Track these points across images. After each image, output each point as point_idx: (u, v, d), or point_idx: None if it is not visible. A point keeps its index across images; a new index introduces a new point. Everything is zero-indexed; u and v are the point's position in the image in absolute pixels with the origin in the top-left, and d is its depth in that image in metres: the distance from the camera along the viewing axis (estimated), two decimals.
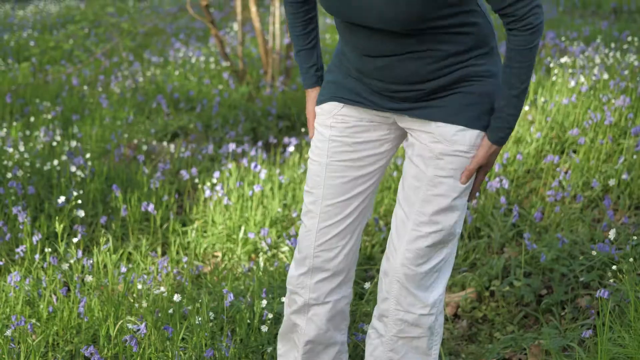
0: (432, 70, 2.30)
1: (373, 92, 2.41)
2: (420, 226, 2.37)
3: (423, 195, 2.37)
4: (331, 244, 2.52)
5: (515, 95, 2.28)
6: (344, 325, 2.67)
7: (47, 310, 3.21)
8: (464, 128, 2.33)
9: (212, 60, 7.64)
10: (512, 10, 2.18)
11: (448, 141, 2.34)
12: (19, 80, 7.31)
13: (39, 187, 4.47)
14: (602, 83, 5.07)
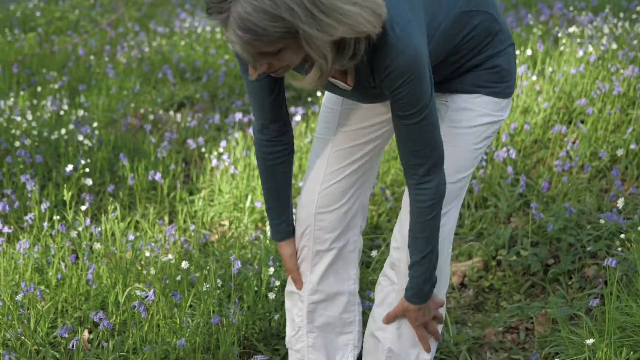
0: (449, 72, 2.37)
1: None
2: None
3: None
4: (337, 188, 2.51)
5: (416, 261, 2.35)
6: (352, 274, 2.63)
7: (55, 278, 3.23)
8: (478, 95, 2.36)
9: (218, 30, 7.61)
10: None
11: (457, 110, 2.38)
12: (25, 50, 7.29)
13: (47, 155, 4.47)
14: (611, 53, 5.05)
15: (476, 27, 2.30)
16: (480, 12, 2.30)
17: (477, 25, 2.30)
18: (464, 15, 2.27)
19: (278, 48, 1.89)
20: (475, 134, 2.38)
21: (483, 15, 2.30)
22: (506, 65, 2.37)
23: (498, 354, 3.02)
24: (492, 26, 2.33)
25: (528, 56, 5.28)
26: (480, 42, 2.32)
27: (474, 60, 2.34)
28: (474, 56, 2.33)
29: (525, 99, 4.71)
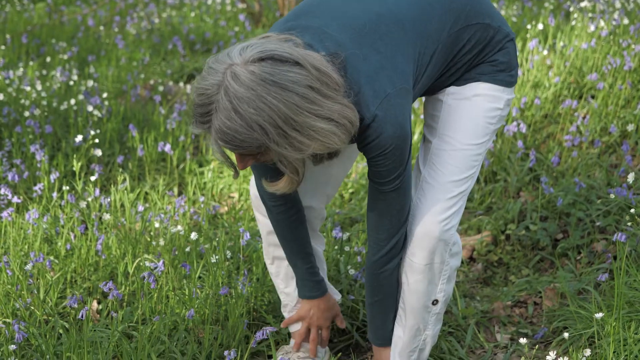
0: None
1: None
2: None
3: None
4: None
5: (369, 303, 2.49)
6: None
7: (65, 248, 3.24)
8: (479, 82, 2.37)
9: (228, 2, 7.59)
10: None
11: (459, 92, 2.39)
12: (34, 20, 7.29)
13: (56, 126, 4.47)
14: (622, 28, 5.01)
15: (469, 41, 2.31)
16: (471, 25, 2.30)
17: (470, 39, 2.31)
18: (455, 35, 2.28)
19: (259, 152, 1.97)
20: (482, 106, 2.38)
21: (474, 28, 2.31)
22: (504, 59, 2.38)
23: (506, 327, 3.02)
24: (485, 34, 2.34)
25: (539, 30, 5.25)
26: (475, 53, 2.34)
27: (471, 66, 2.37)
28: (470, 64, 2.35)
29: (536, 74, 4.69)
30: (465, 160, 2.37)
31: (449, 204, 2.36)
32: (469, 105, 2.36)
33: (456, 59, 2.31)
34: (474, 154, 2.38)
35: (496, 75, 2.38)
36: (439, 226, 2.34)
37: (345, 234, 3.24)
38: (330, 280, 3.02)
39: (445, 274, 2.43)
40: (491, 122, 2.40)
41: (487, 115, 2.38)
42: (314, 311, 2.64)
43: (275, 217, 2.47)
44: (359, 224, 3.64)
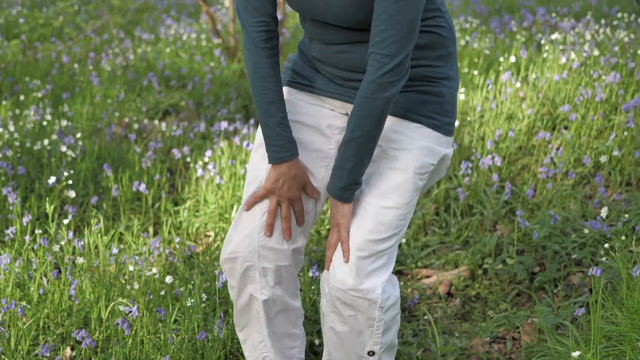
0: None
1: (329, 80, 2.42)
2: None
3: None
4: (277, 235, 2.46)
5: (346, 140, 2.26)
6: (297, 291, 2.57)
7: (37, 293, 3.20)
8: (420, 125, 2.33)
9: (204, 37, 7.60)
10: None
11: (399, 134, 2.33)
12: (8, 58, 7.26)
13: (29, 166, 4.44)
14: (593, 59, 5.06)
15: (440, 31, 2.30)
16: (445, 24, 2.32)
17: (441, 32, 2.31)
18: (435, 12, 2.29)
19: None
20: (415, 157, 2.32)
21: (446, 30, 2.32)
22: (450, 99, 2.35)
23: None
24: (450, 45, 2.34)
25: (512, 63, 5.29)
26: (436, 50, 2.32)
27: (425, 70, 2.32)
28: (427, 63, 2.31)
29: (509, 106, 4.71)
30: (392, 221, 2.30)
31: (370, 262, 2.29)
32: (401, 162, 2.32)
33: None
34: (400, 214, 2.31)
35: (438, 119, 2.33)
36: (361, 284, 2.27)
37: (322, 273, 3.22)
38: (308, 321, 3.01)
39: (379, 328, 2.33)
40: (422, 178, 2.35)
41: (419, 172, 2.33)
42: (283, 180, 2.38)
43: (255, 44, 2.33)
44: None
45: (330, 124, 2.47)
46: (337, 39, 2.32)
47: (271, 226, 2.41)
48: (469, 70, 5.62)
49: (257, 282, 2.44)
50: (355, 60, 2.31)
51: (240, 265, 2.43)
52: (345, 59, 2.33)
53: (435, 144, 2.34)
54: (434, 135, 2.34)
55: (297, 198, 2.42)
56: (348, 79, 2.37)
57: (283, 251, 2.44)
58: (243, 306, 2.50)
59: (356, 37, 2.28)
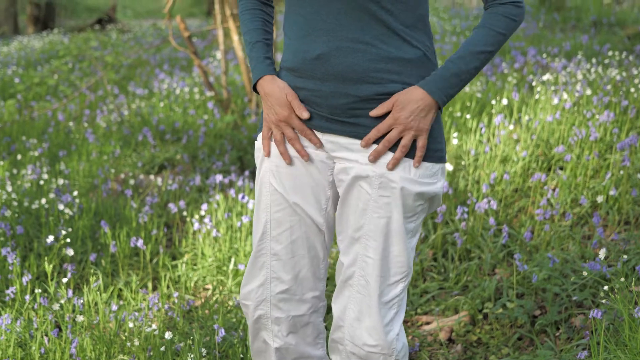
0: (369, 69, 2.17)
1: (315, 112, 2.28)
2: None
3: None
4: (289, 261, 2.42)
5: (475, 52, 2.18)
6: (319, 339, 2.52)
7: (39, 352, 3.19)
8: (406, 159, 2.22)
9: (197, 90, 7.65)
10: None
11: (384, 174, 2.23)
12: (4, 117, 7.30)
13: (28, 226, 4.45)
14: (585, 99, 5.10)
15: (422, 42, 2.24)
16: (429, 35, 2.27)
17: (424, 43, 2.24)
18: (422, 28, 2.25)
19: None
20: (401, 202, 2.24)
21: (430, 40, 2.27)
22: (436, 125, 2.25)
23: None
24: (432, 67, 2.26)
25: (504, 105, 5.32)
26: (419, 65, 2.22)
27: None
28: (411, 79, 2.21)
29: (503, 148, 4.73)
30: (392, 269, 2.27)
31: (382, 316, 2.27)
32: (388, 207, 2.25)
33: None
34: (399, 260, 2.27)
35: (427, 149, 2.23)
36: (377, 341, 2.26)
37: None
38: None
39: None
40: (411, 220, 2.28)
41: (406, 217, 2.26)
42: (268, 103, 2.32)
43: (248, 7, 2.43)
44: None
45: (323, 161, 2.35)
46: (323, 30, 2.21)
47: (285, 153, 2.33)
48: (461, 114, 5.65)
49: (270, 330, 2.43)
50: (336, 69, 2.20)
51: (252, 312, 2.43)
52: (325, 68, 2.21)
53: (424, 177, 2.24)
54: (424, 167, 2.23)
55: (287, 116, 2.29)
56: (327, 94, 2.23)
57: (298, 300, 2.43)
58: (258, 349, 2.50)
59: (345, 31, 2.19)
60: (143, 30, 15.48)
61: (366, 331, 2.27)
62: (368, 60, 2.17)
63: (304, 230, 2.39)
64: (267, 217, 2.39)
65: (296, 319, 2.43)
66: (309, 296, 2.44)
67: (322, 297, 2.47)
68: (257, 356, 2.51)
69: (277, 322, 2.42)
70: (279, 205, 2.37)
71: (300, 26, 2.25)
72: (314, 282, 2.45)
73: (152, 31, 14.30)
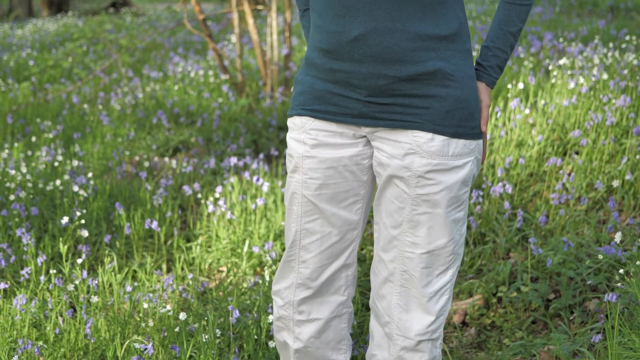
0: (408, 49, 2.14)
1: (342, 94, 2.24)
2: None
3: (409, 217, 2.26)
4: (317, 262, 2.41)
5: (512, 32, 2.27)
6: (342, 345, 2.52)
7: (53, 333, 3.20)
8: (447, 138, 2.20)
9: (211, 74, 7.64)
10: None
11: (428, 153, 2.20)
12: (19, 100, 7.32)
13: (42, 207, 4.46)
14: (602, 83, 5.06)
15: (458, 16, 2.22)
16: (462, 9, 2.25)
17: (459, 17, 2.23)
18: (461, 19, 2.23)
19: None
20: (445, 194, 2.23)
21: (466, 29, 2.26)
22: (474, 101, 2.23)
23: None
24: (467, 39, 2.25)
25: (520, 89, 5.29)
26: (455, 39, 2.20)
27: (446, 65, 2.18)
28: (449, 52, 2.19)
29: (519, 132, 4.71)
30: (439, 259, 2.26)
31: (436, 301, 2.29)
32: (431, 202, 2.23)
33: None
34: (446, 250, 2.27)
35: (461, 126, 2.20)
36: (428, 327, 2.29)
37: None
38: None
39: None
40: (459, 209, 2.27)
41: (453, 207, 2.25)
42: None
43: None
44: None
45: (357, 163, 2.34)
46: (360, 11, 2.17)
47: None
48: None
49: (291, 331, 2.45)
50: (373, 50, 2.17)
51: (277, 310, 2.46)
52: (362, 49, 2.18)
53: (461, 156, 2.22)
54: (461, 144, 2.21)
55: None
56: (366, 76, 2.19)
57: (321, 304, 2.44)
58: (280, 345, 2.52)
59: (383, 12, 2.15)
60: (157, 14, 15.48)
61: (417, 323, 2.28)
62: (406, 39, 2.14)
63: (334, 240, 2.38)
64: (297, 227, 2.39)
65: (319, 323, 2.44)
66: (334, 301, 2.45)
67: (347, 303, 2.48)
68: (280, 349, 2.53)
69: (299, 325, 2.43)
70: (310, 216, 2.36)
71: (333, 6, 2.20)
72: (341, 288, 2.45)
73: (167, 14, 14.30)
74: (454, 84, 2.18)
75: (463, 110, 2.19)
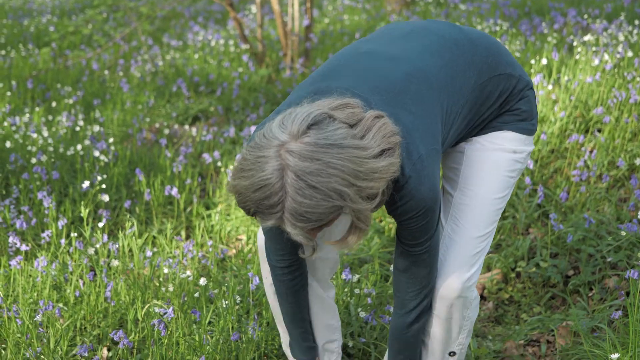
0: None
1: None
2: None
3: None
4: None
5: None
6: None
7: (74, 295, 3.22)
8: (505, 131, 2.39)
9: (232, 43, 7.62)
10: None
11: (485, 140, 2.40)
12: (39, 65, 7.32)
13: (63, 172, 4.47)
14: (627, 61, 5.02)
15: (492, 93, 2.33)
16: (494, 77, 2.31)
17: (493, 91, 2.33)
18: (480, 88, 2.29)
19: (331, 219, 1.90)
20: (504, 159, 2.39)
21: (498, 79, 2.33)
22: (526, 108, 2.40)
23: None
24: (508, 84, 2.35)
25: (543, 65, 5.26)
26: (499, 104, 2.36)
27: (494, 116, 2.38)
28: (494, 115, 2.37)
29: (541, 109, 4.69)
30: (489, 215, 2.38)
31: (472, 261, 2.36)
32: (491, 158, 2.37)
33: (481, 111, 2.32)
34: (496, 208, 2.39)
35: (518, 124, 2.39)
36: (462, 285, 2.34)
37: (354, 275, 3.22)
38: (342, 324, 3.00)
39: (465, 328, 2.43)
40: (512, 175, 2.41)
41: (509, 169, 2.39)
42: None
43: (279, 278, 2.43)
44: (369, 264, 3.62)
45: None
46: None
47: None
48: None
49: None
50: None
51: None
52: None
53: (519, 144, 2.41)
54: (518, 137, 2.40)
55: None
56: None
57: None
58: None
59: None
60: None
61: (460, 275, 2.35)
62: None
63: None
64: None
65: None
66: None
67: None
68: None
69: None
70: None
71: None
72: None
73: None
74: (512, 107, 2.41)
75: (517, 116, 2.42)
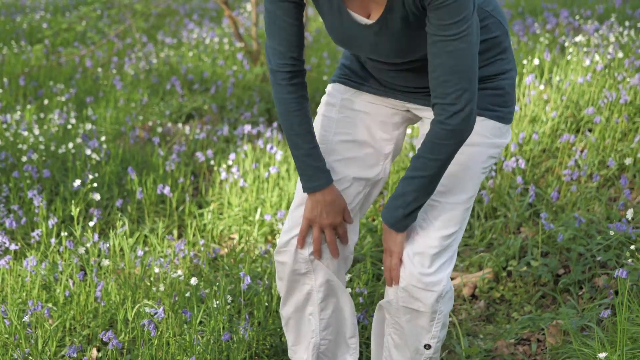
0: None
1: (387, 88, 2.50)
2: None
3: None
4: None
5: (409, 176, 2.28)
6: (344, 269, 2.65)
7: (63, 295, 3.22)
8: (483, 118, 2.37)
9: (226, 41, 7.62)
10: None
11: None
12: (32, 62, 7.31)
13: (54, 170, 4.47)
14: (617, 62, 5.04)
15: (491, 33, 2.34)
16: (495, 21, 2.33)
17: (492, 32, 2.34)
18: (482, 14, 2.30)
19: None
20: (481, 153, 2.40)
21: (497, 26, 2.34)
22: (509, 90, 2.41)
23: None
24: (504, 40, 2.38)
25: (535, 65, 5.27)
26: (491, 51, 2.35)
27: (483, 70, 2.35)
28: (484, 64, 2.35)
29: (533, 108, 4.70)
30: (458, 215, 2.38)
31: (435, 258, 2.35)
32: (467, 154, 2.37)
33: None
34: (465, 208, 2.40)
35: (498, 110, 2.38)
36: (424, 279, 2.33)
37: (347, 275, 3.22)
38: None
39: (439, 321, 2.41)
40: (485, 172, 2.43)
41: (483, 166, 2.41)
42: (321, 207, 2.43)
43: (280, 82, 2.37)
44: (360, 264, 3.63)
45: (388, 121, 2.55)
46: (390, 67, 2.41)
47: (319, 251, 2.48)
48: None
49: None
50: (413, 80, 2.41)
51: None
52: (403, 82, 2.43)
53: (498, 136, 2.41)
54: (497, 127, 2.40)
55: (338, 223, 2.47)
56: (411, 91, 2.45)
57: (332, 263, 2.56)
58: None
59: (411, 65, 2.36)
60: None
61: (423, 268, 2.33)
62: None
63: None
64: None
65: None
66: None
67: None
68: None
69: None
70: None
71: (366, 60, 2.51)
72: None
73: None
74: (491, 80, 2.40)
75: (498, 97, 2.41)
